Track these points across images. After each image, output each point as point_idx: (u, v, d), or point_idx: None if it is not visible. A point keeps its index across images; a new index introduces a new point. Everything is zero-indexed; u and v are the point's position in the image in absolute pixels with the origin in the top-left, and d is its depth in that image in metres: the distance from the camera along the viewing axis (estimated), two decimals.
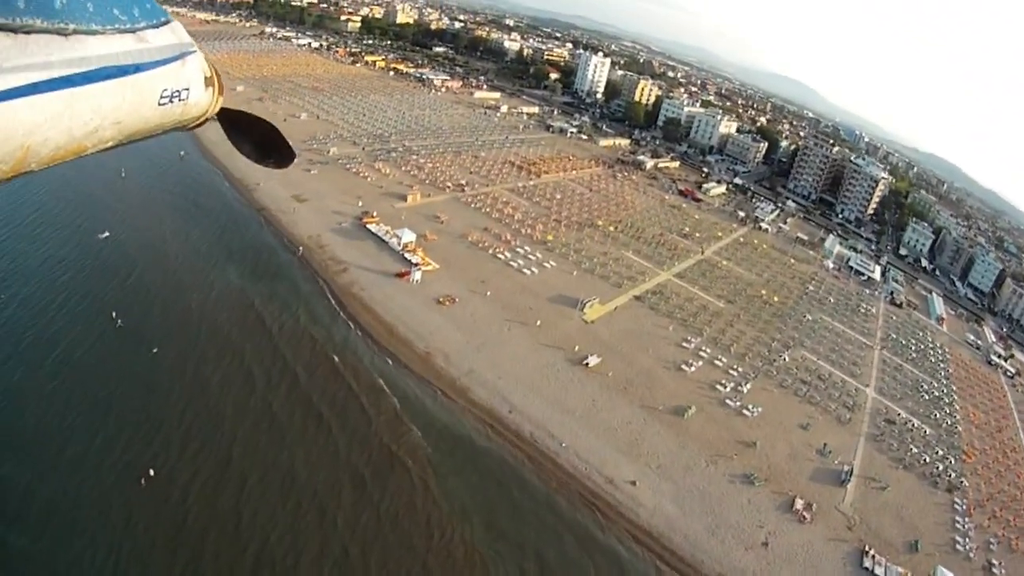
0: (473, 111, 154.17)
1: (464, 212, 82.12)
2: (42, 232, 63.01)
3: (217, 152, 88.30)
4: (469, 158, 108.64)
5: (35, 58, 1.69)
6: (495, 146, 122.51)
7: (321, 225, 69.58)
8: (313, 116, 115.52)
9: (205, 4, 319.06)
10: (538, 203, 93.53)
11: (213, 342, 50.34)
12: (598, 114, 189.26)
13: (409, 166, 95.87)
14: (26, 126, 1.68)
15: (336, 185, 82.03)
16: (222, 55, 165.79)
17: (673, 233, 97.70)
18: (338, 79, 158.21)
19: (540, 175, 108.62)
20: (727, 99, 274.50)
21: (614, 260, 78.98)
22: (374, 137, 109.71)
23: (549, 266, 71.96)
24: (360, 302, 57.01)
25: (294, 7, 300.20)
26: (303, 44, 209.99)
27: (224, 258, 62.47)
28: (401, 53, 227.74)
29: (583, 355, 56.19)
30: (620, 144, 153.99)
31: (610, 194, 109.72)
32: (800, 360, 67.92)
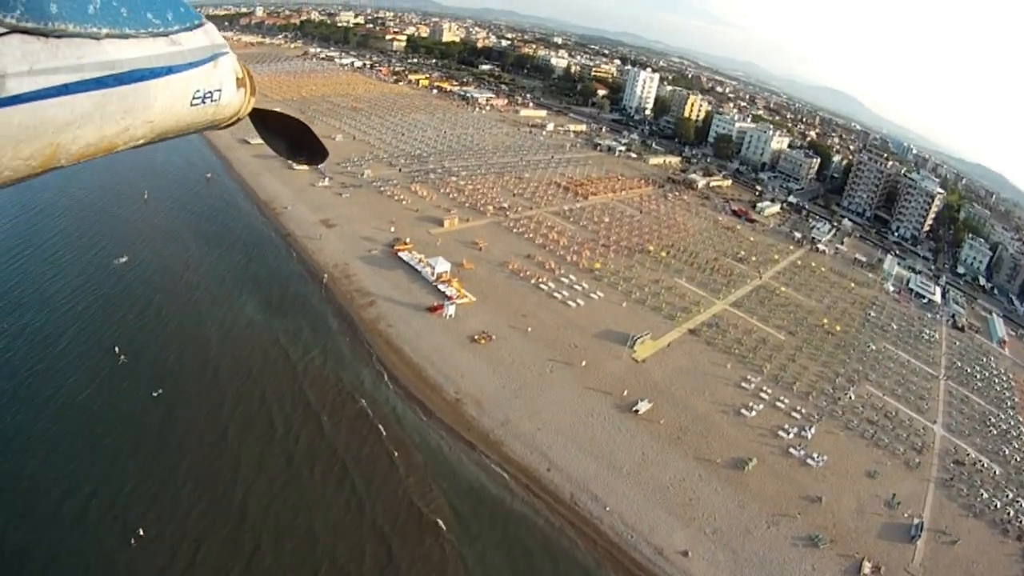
0: (518, 129, 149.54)
1: (505, 238, 76.59)
2: (60, 255, 60.72)
3: (244, 173, 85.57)
4: (512, 179, 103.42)
5: (66, 61, 1.76)
6: (540, 166, 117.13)
7: (349, 253, 64.88)
8: (349, 137, 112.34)
9: (252, 27, 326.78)
10: (585, 227, 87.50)
11: (230, 382, 45.86)
12: (647, 131, 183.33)
13: (448, 188, 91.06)
14: (56, 125, 1.76)
15: (368, 209, 77.57)
16: (263, 77, 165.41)
17: (728, 257, 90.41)
18: (378, 98, 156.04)
19: (587, 196, 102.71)
20: (776, 113, 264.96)
21: (667, 289, 72.26)
22: (412, 158, 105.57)
23: (596, 297, 65.68)
24: (386, 340, 51.68)
25: (339, 28, 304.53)
26: (345, 64, 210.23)
27: (244, 288, 58.28)
28: (446, 71, 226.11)
29: (632, 400, 49.68)
30: (670, 162, 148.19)
31: (661, 216, 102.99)
32: (866, 397, 60.16)
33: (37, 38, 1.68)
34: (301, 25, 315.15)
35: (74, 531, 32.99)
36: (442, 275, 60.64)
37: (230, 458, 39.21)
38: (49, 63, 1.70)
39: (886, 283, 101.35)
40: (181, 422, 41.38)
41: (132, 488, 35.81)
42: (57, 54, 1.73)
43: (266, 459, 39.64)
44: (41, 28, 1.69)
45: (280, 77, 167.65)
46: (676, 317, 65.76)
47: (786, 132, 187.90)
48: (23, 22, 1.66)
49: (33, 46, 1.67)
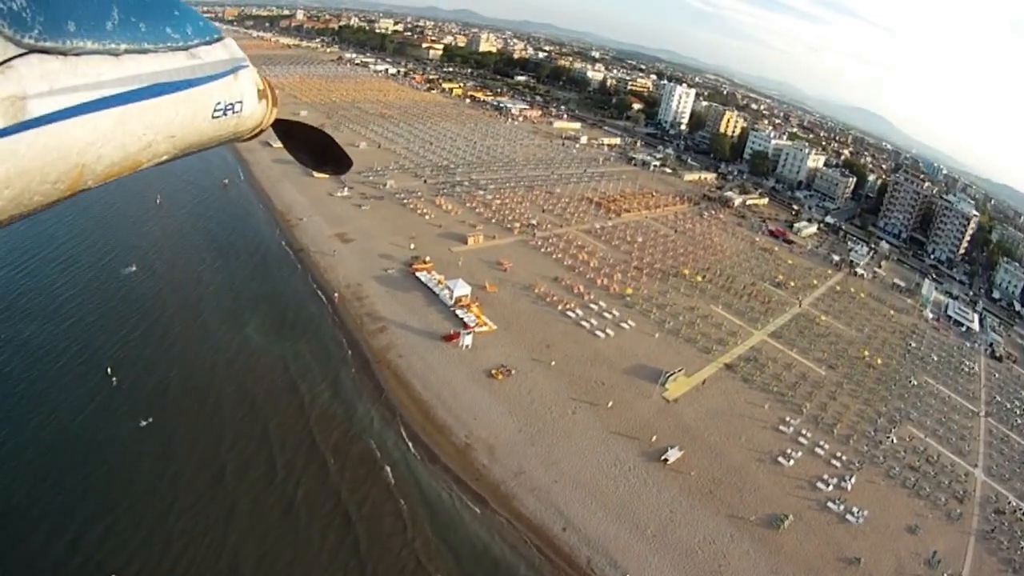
0: (551, 142, 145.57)
1: (532, 258, 72.02)
2: (68, 262, 58.30)
3: (263, 179, 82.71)
4: (543, 194, 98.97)
5: (86, 79, 1.76)
6: (572, 180, 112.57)
7: (363, 271, 60.90)
8: (374, 145, 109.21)
9: (291, 30, 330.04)
10: (617, 247, 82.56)
11: (231, 413, 42.17)
12: (682, 146, 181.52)
13: (474, 202, 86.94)
14: (80, 145, 1.76)
15: (388, 223, 73.71)
16: (294, 79, 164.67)
17: (766, 282, 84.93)
18: (409, 106, 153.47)
19: (620, 214, 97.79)
20: (810, 131, 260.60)
21: (702, 318, 66.99)
22: (439, 169, 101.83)
23: (627, 327, 60.70)
24: (395, 372, 47.36)
25: (376, 34, 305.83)
26: (379, 70, 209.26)
27: (252, 306, 54.61)
28: (481, 81, 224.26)
29: (662, 447, 44.70)
30: (705, 178, 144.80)
31: (697, 236, 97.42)
32: (907, 439, 55.09)
33: (56, 57, 1.68)
34: (339, 30, 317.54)
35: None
36: (461, 299, 56.24)
37: (225, 502, 35.36)
38: (69, 82, 1.69)
39: (924, 310, 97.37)
40: (177, 457, 37.74)
41: (120, 531, 32.36)
42: (77, 73, 1.72)
43: (264, 505, 35.66)
44: (60, 47, 1.69)
45: (311, 81, 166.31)
46: (712, 350, 60.59)
47: (821, 150, 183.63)
48: (41, 42, 1.65)
49: (52, 65, 1.66)
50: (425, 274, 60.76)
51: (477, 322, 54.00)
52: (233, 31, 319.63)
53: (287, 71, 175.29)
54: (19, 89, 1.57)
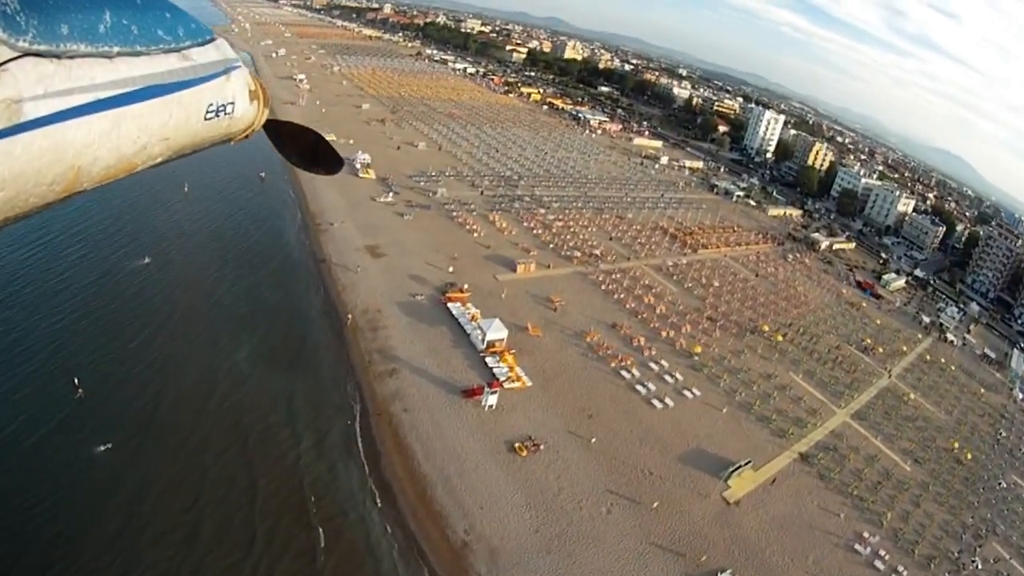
0: (628, 159, 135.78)
1: (590, 296, 62.59)
2: (81, 246, 54.24)
3: (303, 177, 75.94)
4: (612, 218, 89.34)
5: (80, 82, 1.79)
6: (647, 205, 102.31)
7: (387, 294, 52.97)
8: (433, 146, 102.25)
9: (377, 23, 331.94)
10: (690, 290, 72.14)
11: (215, 459, 35.50)
12: (767, 176, 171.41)
13: (533, 222, 78.20)
14: (75, 147, 1.79)
15: (430, 238, 65.79)
16: (365, 70, 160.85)
17: (852, 345, 72.92)
18: (482, 108, 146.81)
19: (697, 249, 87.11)
20: (894, 170, 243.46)
21: (779, 389, 56.03)
22: (499, 179, 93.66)
23: (691, 396, 50.48)
24: (394, 432, 38.88)
25: (461, 33, 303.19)
26: (458, 69, 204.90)
27: (250, 324, 47.73)
28: (562, 88, 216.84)
29: (711, 570, 34.81)
30: (791, 215, 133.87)
31: (779, 283, 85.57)
32: (992, 562, 44.48)
33: (50, 60, 1.71)
34: (424, 26, 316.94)
35: None
36: (494, 344, 47.43)
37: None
38: (63, 85, 1.72)
39: (1014, 388, 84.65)
40: (148, 502, 31.83)
41: None
42: (71, 75, 1.75)
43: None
44: (53, 50, 1.71)
45: (383, 73, 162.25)
46: (787, 433, 49.76)
47: (910, 194, 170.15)
48: (36, 45, 1.68)
49: (47, 68, 1.69)
50: (458, 306, 52.35)
51: (509, 375, 45.02)
52: (318, 19, 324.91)
53: (361, 61, 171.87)
54: (14, 92, 1.61)
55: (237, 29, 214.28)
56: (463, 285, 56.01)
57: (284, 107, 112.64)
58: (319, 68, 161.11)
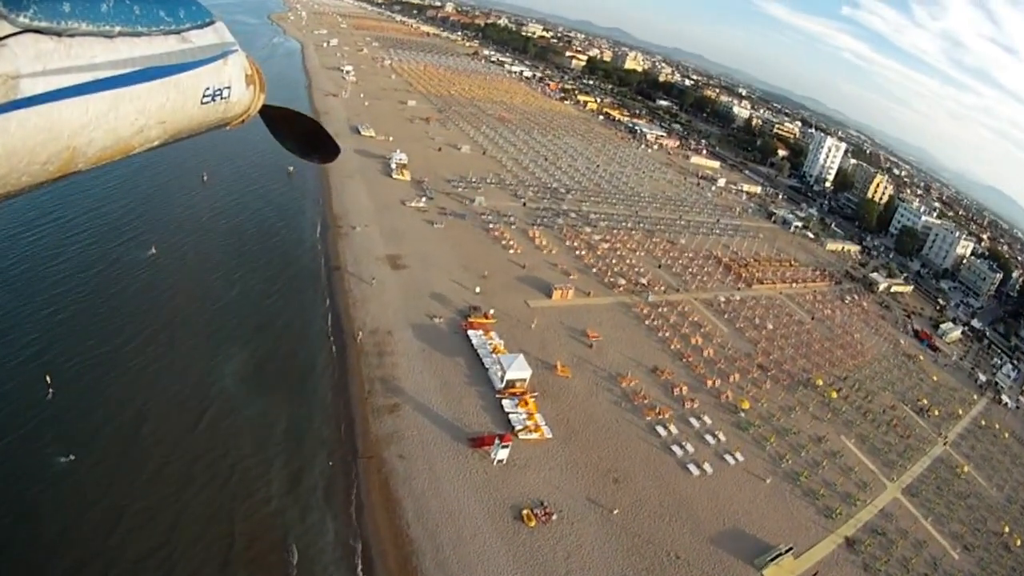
0: (684, 179, 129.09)
1: (632, 333, 56.45)
2: (84, 234, 50.96)
3: (333, 174, 72.11)
4: (663, 242, 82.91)
5: (80, 60, 1.79)
6: (702, 231, 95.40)
7: (401, 314, 47.78)
8: (478, 150, 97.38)
9: (437, 20, 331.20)
10: (741, 331, 65.23)
11: (190, 490, 31.30)
12: (826, 206, 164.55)
13: (577, 241, 72.37)
14: (71, 127, 1.78)
15: (460, 252, 60.54)
16: (417, 66, 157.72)
17: (907, 405, 65.44)
18: (535, 113, 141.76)
19: (752, 284, 80.00)
20: (948, 208, 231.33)
21: (829, 457, 48.87)
22: (545, 191, 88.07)
23: (732, 461, 43.79)
24: (384, 482, 33.40)
25: (521, 36, 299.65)
26: (514, 72, 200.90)
27: (244, 334, 43.20)
28: (620, 99, 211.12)
29: None
30: (849, 250, 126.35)
31: (836, 327, 77.98)
32: None
33: (50, 37, 1.69)
34: (484, 27, 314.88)
35: None
36: (515, 384, 41.74)
37: None
38: (63, 63, 1.71)
39: None
40: (118, 531, 28.14)
41: None
42: (71, 53, 1.74)
43: None
44: (54, 27, 1.70)
45: (435, 70, 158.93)
46: (835, 512, 42.89)
47: (967, 234, 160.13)
48: (36, 21, 1.67)
49: (47, 45, 1.68)
50: (480, 335, 46.80)
51: (527, 423, 39.16)
52: (377, 13, 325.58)
53: (414, 57, 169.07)
54: (12, 68, 1.59)
55: (293, 16, 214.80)
56: (489, 310, 50.45)
57: (326, 98, 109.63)
58: (369, 61, 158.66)
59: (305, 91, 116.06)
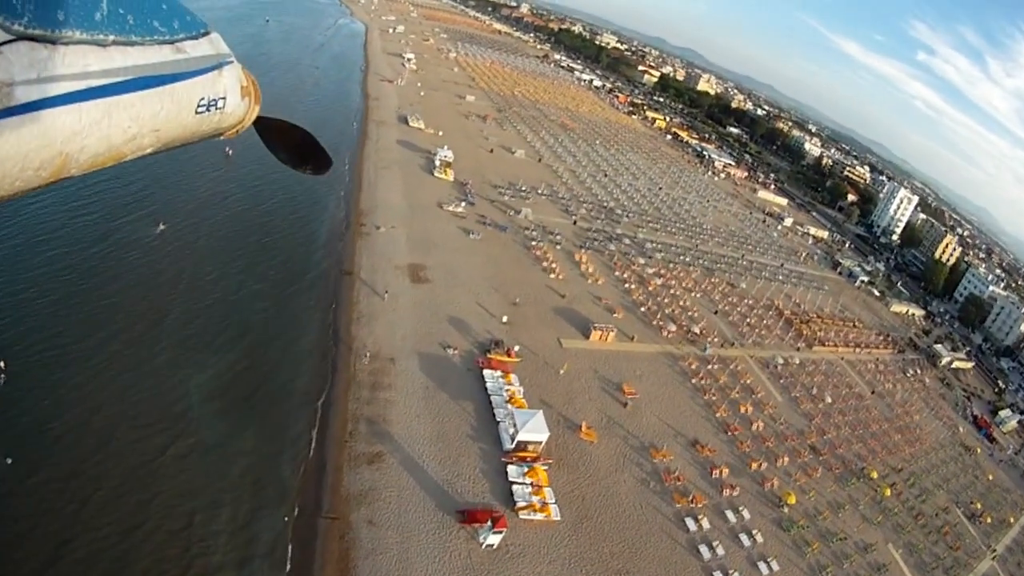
0: (750, 213, 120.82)
1: (674, 392, 48.80)
2: (96, 206, 45.61)
3: (368, 164, 68.02)
4: (723, 284, 74.86)
5: (73, 68, 1.81)
6: (764, 274, 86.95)
7: (410, 339, 41.17)
8: (533, 156, 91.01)
9: (511, 20, 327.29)
10: (797, 401, 56.81)
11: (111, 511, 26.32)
12: (892, 262, 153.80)
13: (627, 272, 65.01)
14: (64, 134, 1.81)
15: (494, 269, 53.94)
16: (483, 62, 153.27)
17: (960, 508, 57.63)
18: (600, 124, 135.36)
19: (812, 345, 71.21)
20: (1008, 274, 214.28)
21: (875, 572, 41.11)
22: (599, 210, 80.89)
23: (765, 571, 36.19)
24: (344, 556, 26.56)
25: (594, 45, 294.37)
26: (584, 79, 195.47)
27: (224, 343, 37.33)
28: (689, 121, 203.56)
29: None
30: (913, 314, 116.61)
31: (895, 405, 69.10)
32: None
33: (45, 45, 1.71)
34: (558, 32, 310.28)
35: None
36: (527, 447, 34.78)
37: None
38: (57, 71, 1.73)
39: None
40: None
41: None
42: (65, 61, 1.76)
43: None
44: (49, 35, 1.72)
45: (501, 68, 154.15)
46: None
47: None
48: (31, 29, 1.68)
49: (41, 53, 1.70)
50: (497, 376, 39.92)
51: (531, 501, 32.13)
52: (451, 6, 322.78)
53: (480, 52, 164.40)
54: (6, 75, 1.61)
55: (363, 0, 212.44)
56: (513, 346, 43.55)
57: (380, 83, 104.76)
58: (434, 51, 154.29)
59: (360, 73, 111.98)
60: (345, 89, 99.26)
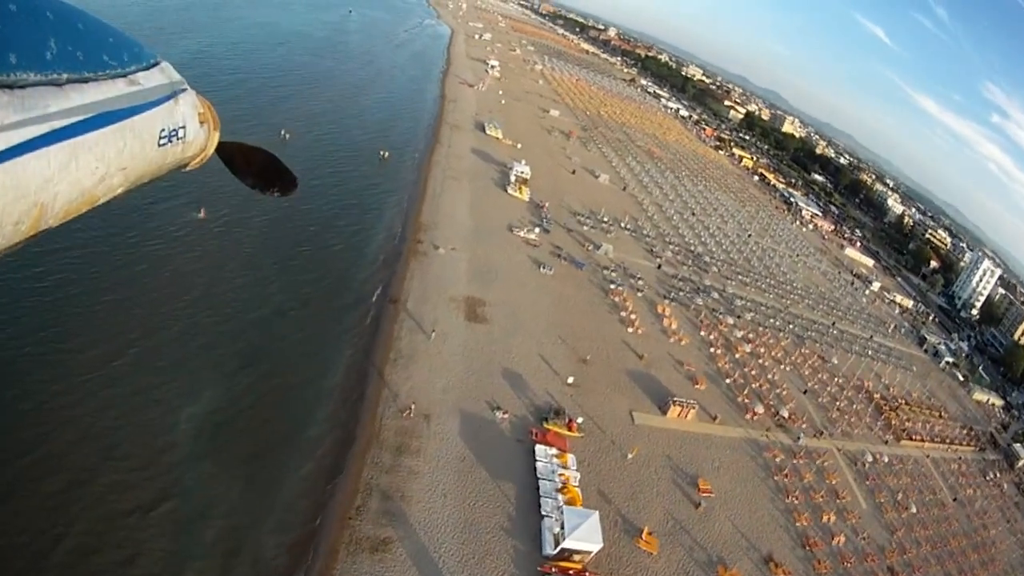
0: (839, 273, 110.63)
1: (754, 492, 39.65)
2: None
3: (435, 171, 62.58)
4: (813, 357, 64.90)
5: (33, 112, 1.78)
6: (855, 347, 76.43)
7: (453, 393, 33.46)
8: (618, 183, 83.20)
9: (598, 42, 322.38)
10: (881, 509, 46.98)
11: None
12: (972, 340, 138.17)
13: (714, 335, 55.90)
14: (36, 182, 1.77)
15: (564, 315, 45.99)
16: (569, 78, 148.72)
17: None
18: (687, 156, 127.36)
19: (900, 438, 60.74)
20: None
21: None
22: (687, 254, 72.06)
23: None
24: None
25: (680, 75, 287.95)
26: (670, 108, 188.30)
27: (231, 368, 30.46)
28: (775, 162, 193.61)
29: None
30: (993, 404, 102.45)
31: (973, 517, 58.04)
32: None
33: (3, 91, 1.67)
34: (644, 58, 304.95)
35: None
36: (571, 556, 26.53)
37: None
38: (18, 116, 1.68)
39: None
40: None
41: None
42: (24, 105, 1.71)
43: None
44: (4, 80, 1.67)
45: (587, 87, 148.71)
46: None
47: None
48: None
49: (1, 100, 1.66)
50: (551, 456, 31.74)
51: None
52: (540, 22, 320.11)
53: (568, 68, 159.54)
54: None
55: (452, 4, 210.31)
56: (576, 418, 35.23)
57: (459, 87, 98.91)
58: (519, 62, 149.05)
59: (440, 74, 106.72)
60: (421, 88, 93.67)
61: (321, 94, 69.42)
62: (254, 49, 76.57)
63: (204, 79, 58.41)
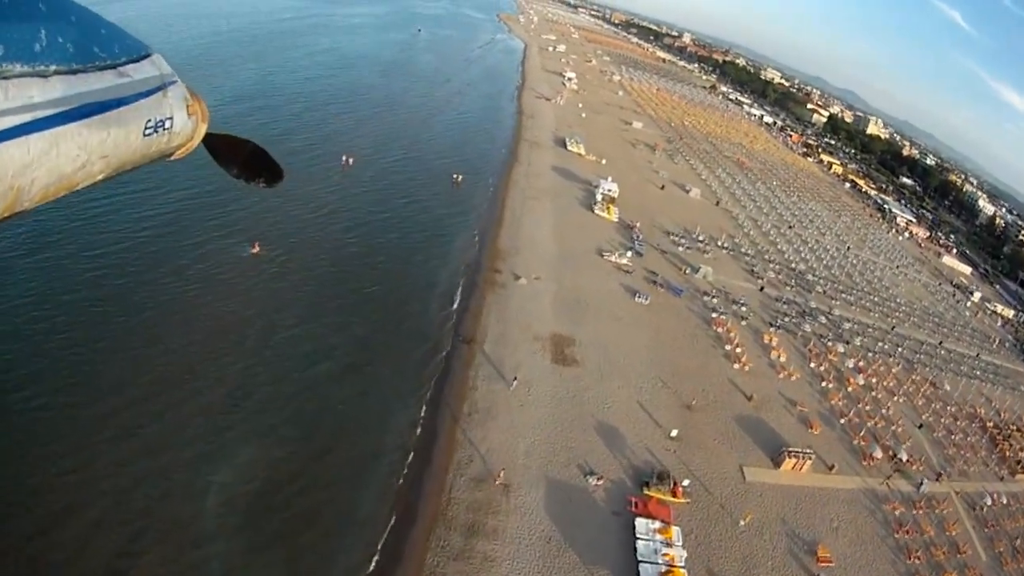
0: (939, 285, 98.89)
1: (875, 554, 32.74)
2: (190, 213, 37.97)
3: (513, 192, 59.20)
4: (926, 384, 55.97)
5: (17, 102, 1.78)
6: (963, 368, 65.92)
7: (540, 456, 28.39)
8: (710, 197, 77.19)
9: (674, 49, 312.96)
10: (1000, 559, 38.19)
11: None
12: None
13: (825, 364, 48.83)
14: (14, 167, 1.78)
15: (666, 353, 40.50)
16: (649, 87, 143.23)
17: None
18: (776, 165, 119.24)
19: (1016, 472, 49.93)
20: None
21: None
22: (789, 273, 64.84)
23: None
24: None
25: (760, 79, 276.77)
26: (754, 115, 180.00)
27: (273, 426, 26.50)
28: (863, 167, 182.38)
29: None
30: None
31: None
32: None
33: None
34: (722, 64, 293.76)
35: None
36: None
37: None
38: (1, 105, 1.70)
39: None
40: None
41: None
42: (7, 95, 1.72)
43: None
44: None
45: (668, 96, 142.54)
46: None
47: None
48: None
49: None
50: (653, 531, 26.26)
51: None
52: (613, 32, 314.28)
53: (647, 78, 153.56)
54: None
55: (523, 19, 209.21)
56: (682, 480, 29.63)
57: (536, 100, 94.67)
58: (596, 73, 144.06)
59: (515, 89, 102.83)
60: (496, 105, 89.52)
61: (390, 117, 66.41)
62: (319, 76, 75.07)
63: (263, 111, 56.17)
